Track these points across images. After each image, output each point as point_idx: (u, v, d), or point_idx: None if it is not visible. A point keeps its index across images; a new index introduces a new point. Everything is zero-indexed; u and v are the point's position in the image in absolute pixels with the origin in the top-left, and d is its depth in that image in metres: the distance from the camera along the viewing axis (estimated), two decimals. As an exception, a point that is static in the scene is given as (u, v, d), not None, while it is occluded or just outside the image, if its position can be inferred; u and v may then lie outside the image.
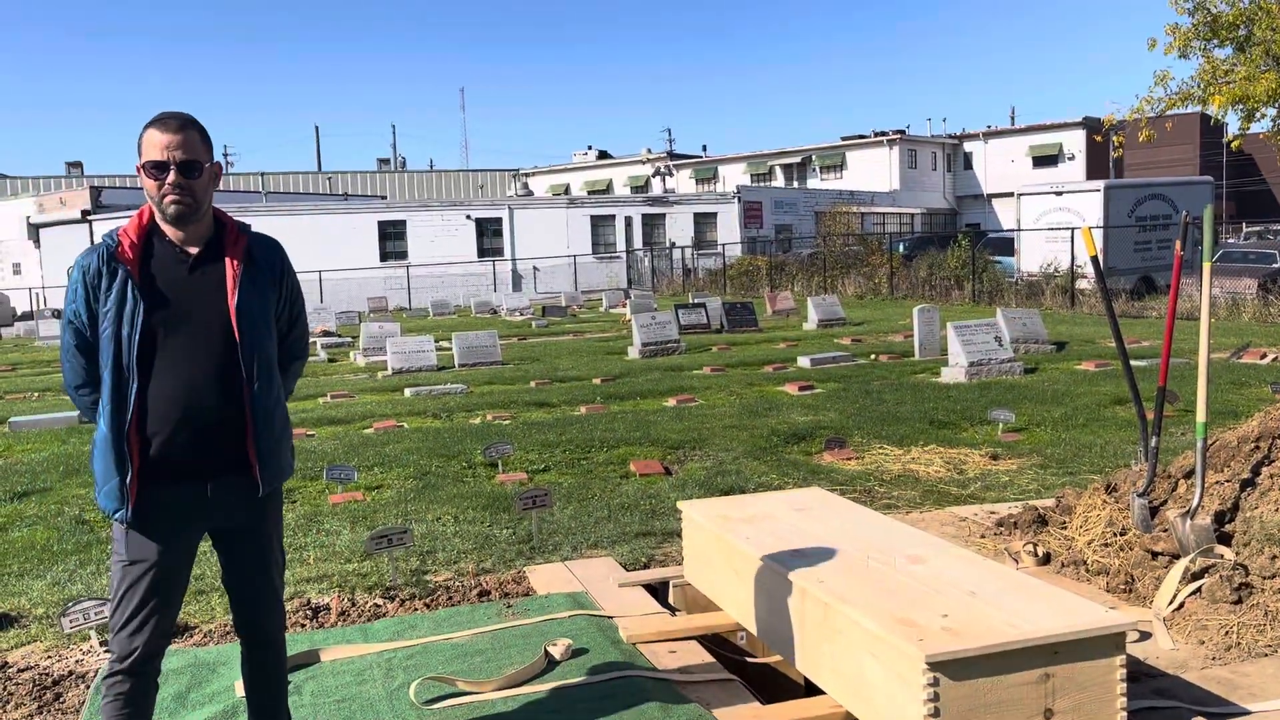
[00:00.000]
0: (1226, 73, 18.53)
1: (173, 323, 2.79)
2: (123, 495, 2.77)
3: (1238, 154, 42.19)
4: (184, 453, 2.79)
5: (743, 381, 12.55)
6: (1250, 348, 13.34)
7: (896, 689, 3.01)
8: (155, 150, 2.76)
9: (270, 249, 3.00)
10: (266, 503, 2.98)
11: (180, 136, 2.77)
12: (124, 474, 2.76)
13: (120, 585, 2.82)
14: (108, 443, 2.77)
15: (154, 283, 2.79)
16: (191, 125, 2.82)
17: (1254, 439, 4.88)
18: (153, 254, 2.82)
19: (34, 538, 6.21)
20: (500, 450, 7.70)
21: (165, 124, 2.79)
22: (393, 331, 17.69)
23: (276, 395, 2.94)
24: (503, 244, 38.76)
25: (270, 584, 3.04)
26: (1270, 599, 4.01)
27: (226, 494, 2.87)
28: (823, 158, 53.84)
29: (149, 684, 2.88)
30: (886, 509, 6.18)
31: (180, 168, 2.76)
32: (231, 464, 2.86)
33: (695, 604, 4.68)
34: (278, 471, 2.96)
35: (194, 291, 2.82)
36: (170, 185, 2.76)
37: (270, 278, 2.95)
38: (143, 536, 2.81)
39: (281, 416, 2.97)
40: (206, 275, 2.85)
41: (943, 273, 26.03)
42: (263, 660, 3.10)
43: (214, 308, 2.82)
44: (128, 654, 2.81)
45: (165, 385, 2.77)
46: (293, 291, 3.06)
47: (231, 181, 60.47)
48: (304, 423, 10.36)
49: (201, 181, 2.81)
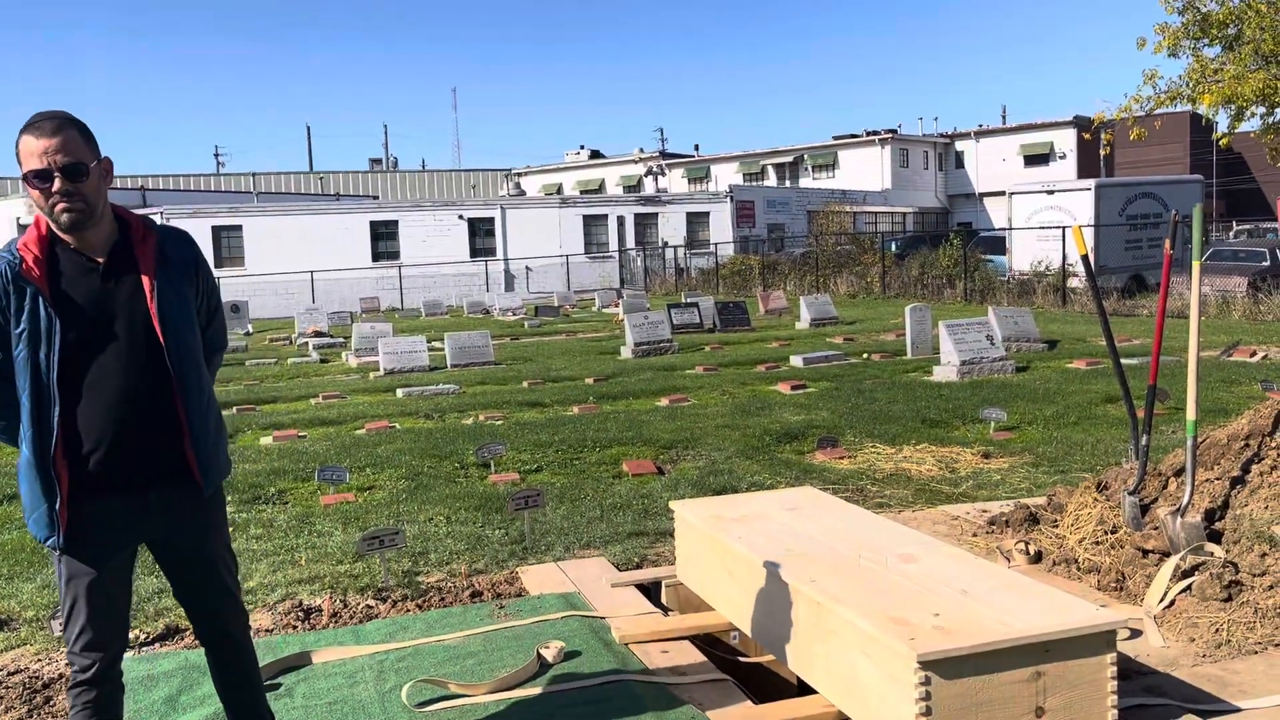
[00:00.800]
0: (1216, 72, 18.60)
1: (93, 336, 2.66)
2: (52, 521, 2.67)
3: (1227, 153, 42.36)
4: (121, 467, 2.70)
5: (735, 381, 12.56)
6: (1240, 345, 13.39)
7: (889, 688, 3.01)
8: (34, 158, 2.58)
9: (183, 244, 2.88)
10: (210, 504, 2.90)
11: (58, 139, 2.59)
12: (52, 500, 2.66)
13: (65, 602, 2.76)
14: (32, 468, 2.66)
15: (67, 297, 2.64)
16: (69, 124, 2.63)
17: (1244, 437, 4.90)
18: (60, 268, 2.67)
19: (23, 541, 6.18)
20: (492, 450, 7.69)
21: (40, 128, 2.60)
22: (385, 332, 17.66)
23: (208, 396, 2.85)
24: (495, 244, 38.72)
25: (224, 586, 2.96)
26: (1260, 596, 4.02)
27: (168, 503, 2.79)
28: (815, 157, 53.89)
29: (114, 688, 2.84)
30: (879, 508, 6.19)
31: (64, 172, 2.58)
32: (171, 472, 2.78)
33: (688, 604, 4.68)
34: (218, 471, 2.88)
35: (110, 300, 2.69)
36: (57, 193, 2.60)
37: (187, 274, 2.83)
38: (78, 558, 2.72)
39: (215, 416, 2.88)
40: (121, 282, 2.71)
41: (935, 271, 26.09)
42: (231, 661, 3.04)
43: (135, 315, 2.70)
44: (88, 666, 2.77)
45: (95, 402, 2.66)
46: (209, 284, 2.95)
47: (223, 182, 60.36)
48: (296, 423, 10.34)
49: (90, 183, 2.64)
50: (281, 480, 7.55)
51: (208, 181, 60.21)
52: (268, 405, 12.23)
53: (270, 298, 33.84)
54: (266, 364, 17.41)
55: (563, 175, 63.35)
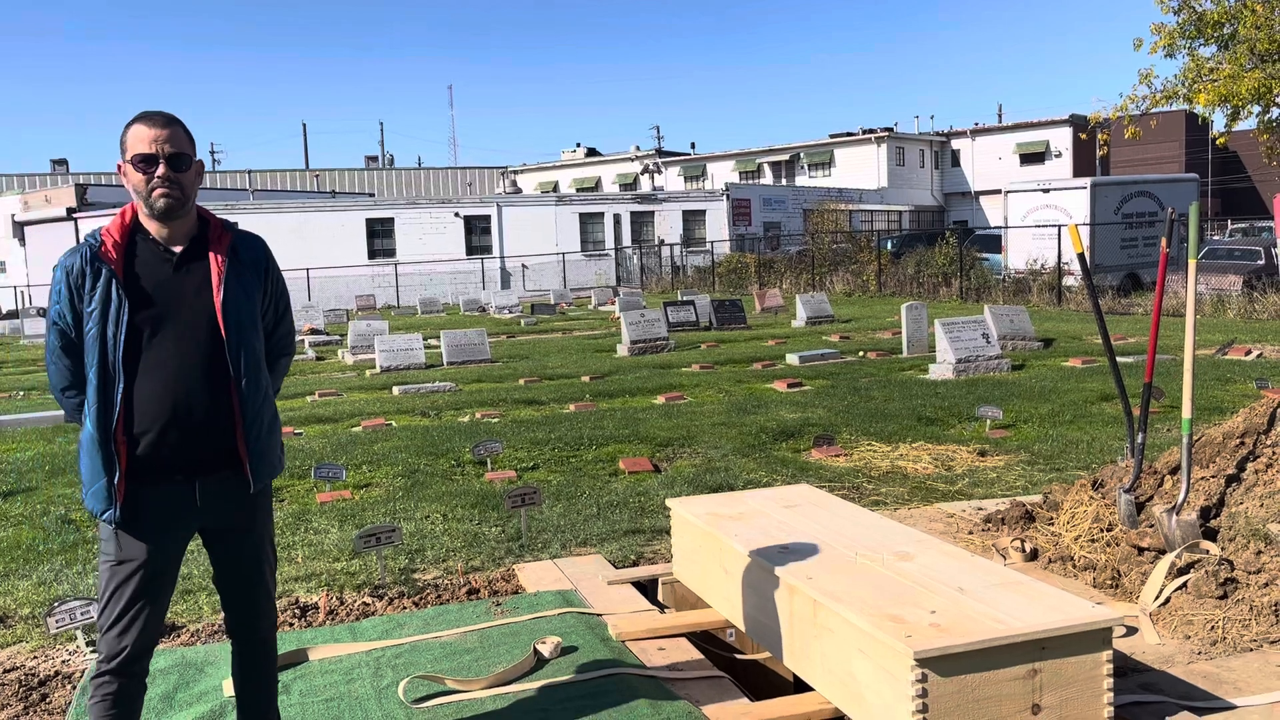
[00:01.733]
0: (1212, 71, 18.63)
1: (158, 321, 2.77)
2: (110, 496, 2.75)
3: (1223, 151, 42.39)
4: (173, 452, 2.77)
5: (731, 379, 12.56)
6: (1235, 344, 13.41)
7: (885, 685, 3.02)
8: (143, 144, 2.75)
9: (255, 246, 2.99)
10: (257, 500, 2.96)
11: (168, 131, 2.77)
12: (111, 474, 2.74)
13: (109, 585, 2.80)
14: (94, 443, 2.74)
15: (139, 282, 2.77)
16: (177, 122, 2.82)
17: (1239, 435, 4.91)
18: (136, 253, 2.80)
19: (19, 537, 6.17)
20: (489, 448, 7.68)
21: (152, 119, 2.78)
22: (381, 329, 17.65)
23: (265, 392, 2.93)
24: (491, 242, 38.68)
25: (263, 583, 3.03)
26: (1255, 594, 4.03)
27: (217, 492, 2.86)
28: (811, 155, 53.89)
29: (137, 684, 2.87)
30: (875, 506, 6.19)
31: (169, 161, 2.76)
32: (221, 462, 2.85)
33: (684, 601, 4.69)
34: (268, 469, 2.95)
35: (179, 290, 2.80)
36: (160, 178, 2.75)
37: (255, 275, 2.94)
38: (131, 537, 2.79)
39: (270, 413, 2.95)
40: (191, 273, 2.83)
41: (930, 270, 26.12)
42: (254, 660, 3.08)
43: (200, 306, 2.81)
44: (116, 654, 2.79)
45: (152, 384, 2.75)
46: (278, 288, 3.05)
47: (218, 179, 60.20)
48: (291, 421, 10.33)
49: (189, 175, 2.81)
50: (278, 477, 7.54)
51: (202, 179, 59.99)
52: (263, 403, 12.20)
53: (266, 295, 33.70)
54: (262, 361, 17.35)
55: (559, 173, 63.29)
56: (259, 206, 38.05)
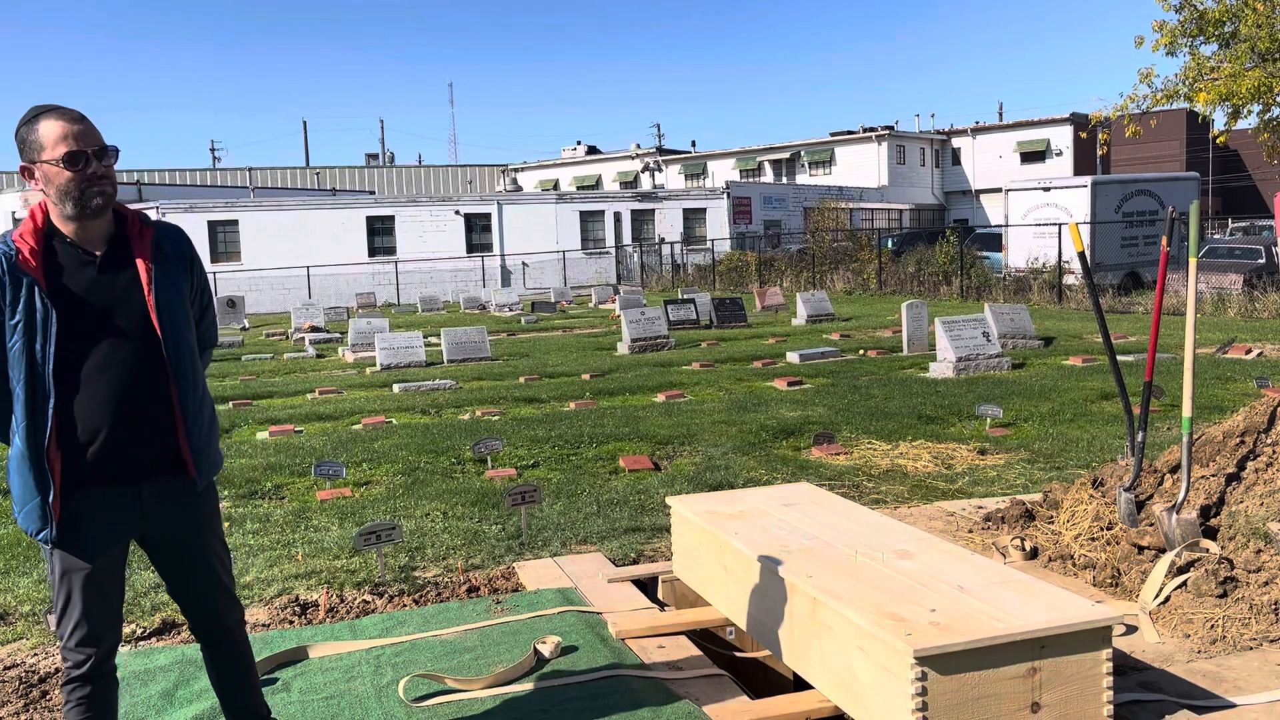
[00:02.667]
0: (1213, 70, 18.62)
1: (89, 329, 2.66)
2: (45, 515, 2.66)
3: (1224, 150, 42.40)
4: (116, 458, 2.69)
5: (732, 377, 12.56)
6: (1236, 343, 13.41)
7: (885, 683, 3.02)
8: (66, 141, 2.61)
9: (177, 239, 2.90)
10: (201, 499, 2.90)
11: (85, 125, 2.65)
12: (45, 492, 2.65)
13: (60, 597, 2.75)
14: (25, 461, 2.64)
15: (63, 289, 2.65)
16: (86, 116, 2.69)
17: (1239, 434, 4.91)
18: (56, 259, 2.68)
19: (19, 535, 6.17)
20: (489, 446, 7.69)
21: (64, 113, 2.65)
22: (381, 327, 17.64)
23: (202, 389, 2.86)
24: (491, 239, 38.68)
25: (219, 582, 2.97)
26: (1255, 593, 4.03)
27: (161, 495, 2.79)
28: (812, 153, 53.87)
29: (109, 683, 2.84)
30: (875, 504, 6.19)
31: (99, 155, 2.64)
32: (165, 464, 2.78)
33: (684, 599, 4.69)
34: (211, 465, 2.88)
35: (107, 293, 2.69)
36: (93, 175, 2.63)
37: (182, 269, 2.85)
38: (70, 552, 2.71)
39: (209, 409, 2.89)
40: (117, 275, 2.72)
41: (931, 268, 26.11)
42: (227, 655, 3.04)
43: (131, 308, 2.71)
44: (83, 660, 2.76)
45: (91, 393, 2.66)
46: (202, 279, 2.96)
47: (219, 177, 60.22)
48: (292, 419, 10.33)
49: (113, 169, 2.71)
50: (277, 475, 7.55)
51: (204, 176, 60.08)
52: (264, 400, 12.22)
53: (266, 293, 33.79)
54: (263, 359, 17.39)
55: (560, 171, 63.27)
56: (259, 204, 38.01)
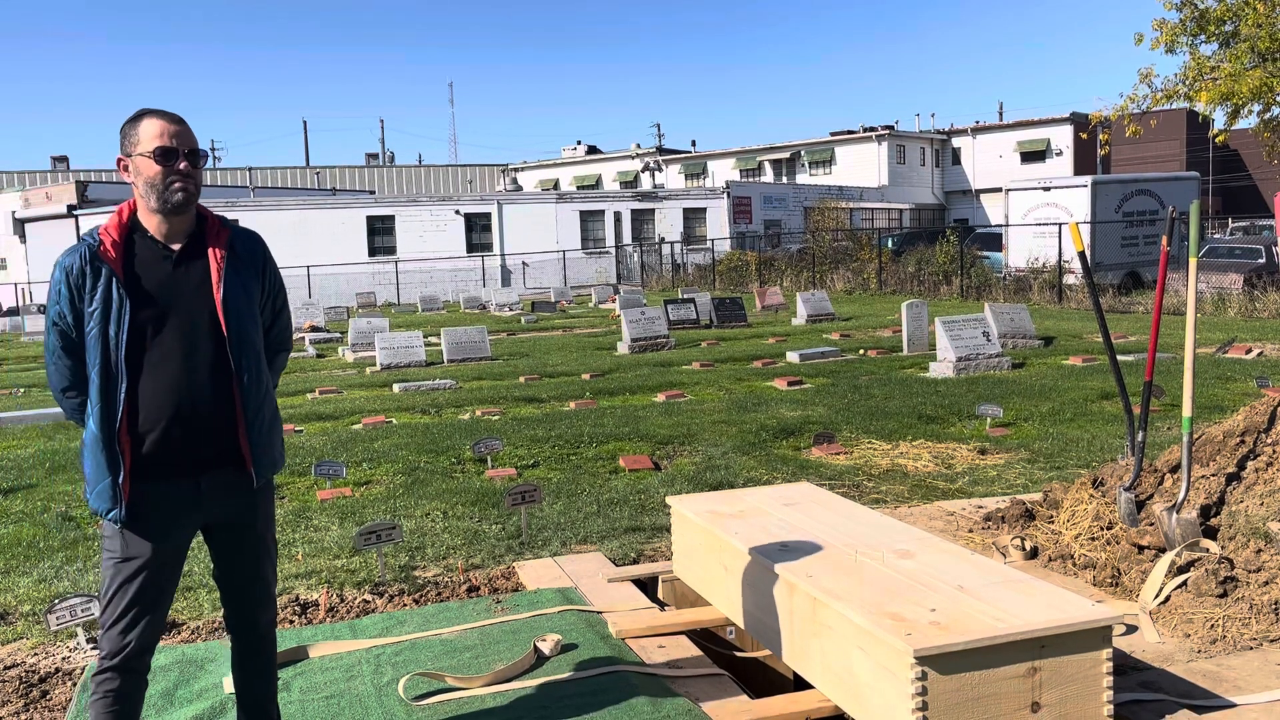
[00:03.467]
0: (1213, 69, 18.62)
1: (160, 320, 2.78)
2: (115, 495, 2.76)
3: (1224, 149, 42.37)
4: (177, 449, 2.79)
5: (732, 377, 12.56)
6: (1236, 343, 13.41)
7: (885, 683, 3.02)
8: (162, 138, 2.77)
9: (252, 242, 3.01)
10: (259, 496, 2.98)
11: (183, 126, 2.82)
12: (116, 474, 2.75)
13: (112, 582, 2.81)
14: (98, 443, 2.75)
15: (139, 280, 2.78)
16: (184, 120, 2.86)
17: (1239, 433, 4.91)
18: (135, 251, 2.81)
19: (20, 534, 6.18)
20: (489, 446, 7.69)
21: (166, 115, 2.82)
22: (381, 327, 17.65)
23: (266, 388, 2.94)
24: (491, 239, 38.67)
25: (263, 578, 3.04)
26: (1255, 592, 4.03)
27: (220, 488, 2.88)
28: (812, 153, 53.86)
29: (139, 681, 2.87)
30: (875, 504, 6.19)
31: (189, 155, 2.80)
32: (224, 458, 2.87)
33: (684, 599, 4.69)
34: (270, 463, 2.96)
35: (179, 287, 2.81)
36: (180, 172, 2.78)
37: (254, 271, 2.96)
38: (135, 535, 2.80)
39: (271, 409, 2.97)
40: (191, 270, 2.84)
41: (931, 268, 26.11)
42: (255, 655, 3.10)
43: (200, 303, 2.82)
44: (119, 650, 2.80)
45: (156, 382, 2.77)
46: (275, 283, 3.07)
47: (219, 176, 60.22)
48: (292, 418, 10.33)
49: (199, 173, 2.85)
50: (278, 475, 7.55)
51: (204, 176, 60.00)
52: (264, 400, 12.20)
53: (266, 292, 33.70)
54: (263, 359, 17.36)
55: (560, 171, 63.26)
56: (259, 204, 38.02)
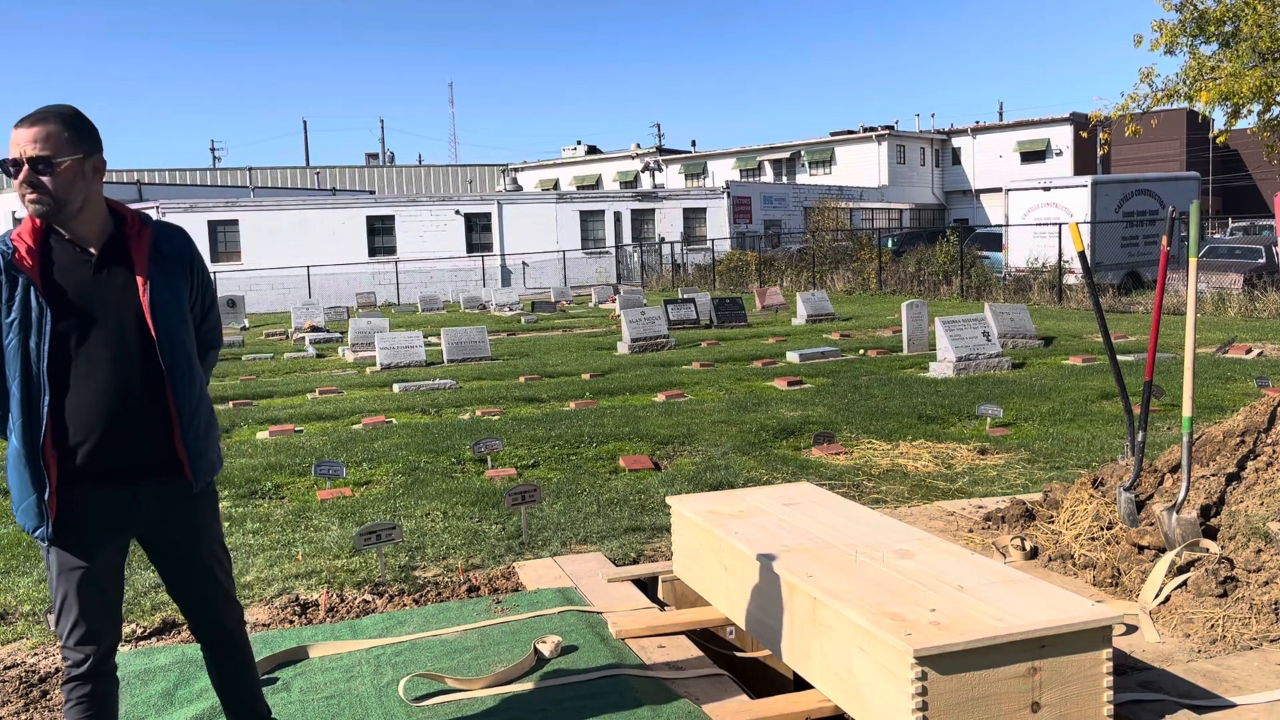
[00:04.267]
0: (1213, 69, 18.61)
1: (84, 328, 2.66)
2: (41, 512, 2.67)
3: (1224, 149, 42.36)
4: (110, 458, 2.70)
5: (732, 377, 12.56)
6: (1236, 343, 13.41)
7: (885, 683, 3.02)
8: (11, 147, 2.63)
9: (178, 239, 2.88)
10: (199, 500, 2.90)
11: (36, 130, 2.62)
12: (41, 490, 2.66)
13: (58, 596, 2.75)
14: (21, 458, 2.66)
15: (58, 287, 2.66)
16: (56, 118, 2.65)
17: (1239, 433, 4.91)
18: (53, 257, 2.69)
19: (19, 535, 6.17)
20: (489, 446, 7.69)
21: (26, 119, 2.65)
22: (381, 327, 17.64)
23: (200, 390, 2.85)
24: (491, 239, 38.67)
25: (218, 584, 2.96)
26: (1255, 592, 4.03)
27: (157, 496, 2.79)
28: (812, 153, 53.86)
29: (109, 682, 2.83)
30: (875, 504, 6.19)
31: (31, 164, 2.61)
32: (160, 465, 2.78)
33: (684, 599, 4.69)
34: (208, 467, 2.87)
35: (102, 292, 2.70)
36: (21, 183, 2.62)
37: (181, 269, 2.84)
38: (68, 550, 2.72)
39: (206, 410, 2.88)
40: (113, 274, 2.72)
41: (931, 268, 26.11)
42: (229, 657, 3.05)
43: (126, 307, 2.71)
44: (82, 659, 2.76)
45: (84, 392, 2.66)
46: (203, 280, 2.95)
47: (219, 176, 60.23)
48: (292, 418, 10.33)
49: (60, 178, 2.63)
50: (278, 475, 7.55)
51: (204, 176, 60.09)
52: (264, 400, 12.22)
53: (266, 292, 33.79)
54: (263, 358, 17.39)
55: (560, 171, 63.26)
56: (260, 204, 38.01)
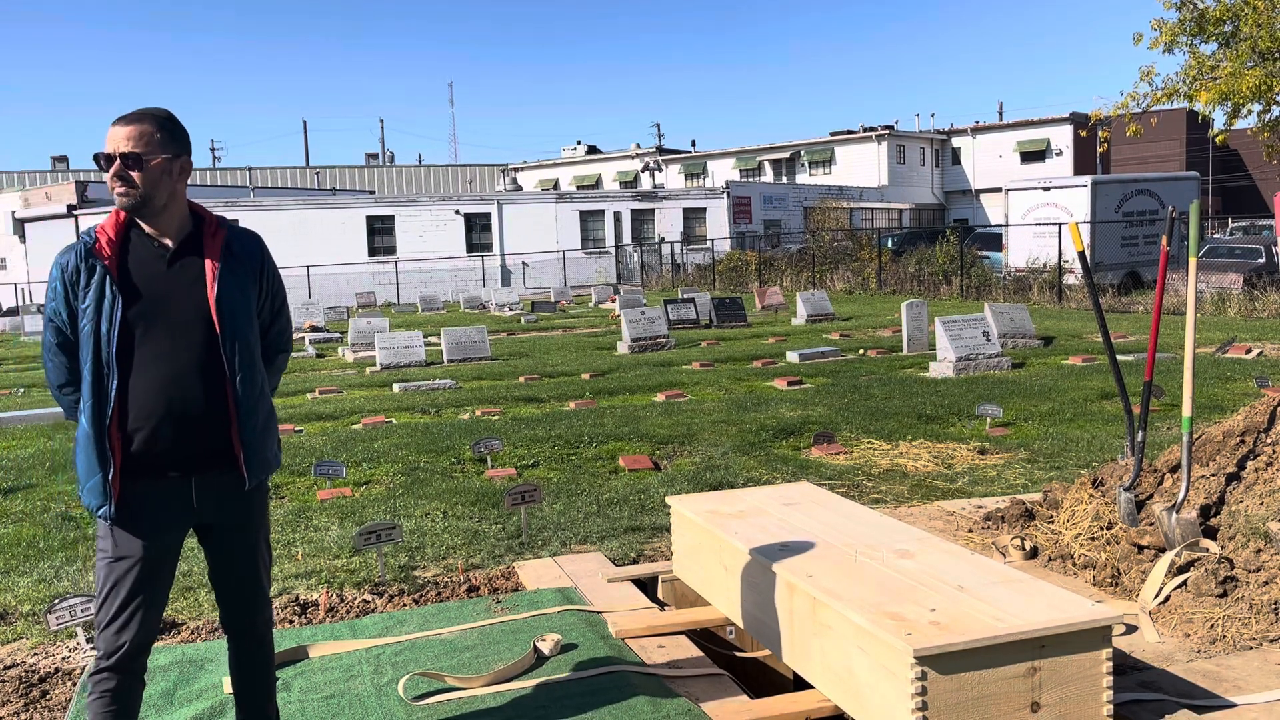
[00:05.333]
0: (1213, 69, 18.62)
1: (151, 317, 2.78)
2: (105, 491, 2.76)
3: (1224, 149, 42.35)
4: (167, 447, 2.78)
5: (732, 377, 12.56)
6: (1236, 342, 13.41)
7: (884, 683, 3.02)
8: (108, 142, 2.77)
9: (250, 242, 2.99)
10: (252, 497, 2.97)
11: (132, 129, 2.76)
12: (106, 470, 2.75)
13: (106, 581, 2.81)
14: (89, 439, 2.76)
15: (131, 278, 2.78)
16: (150, 119, 2.80)
17: (1239, 433, 4.91)
18: (130, 249, 2.81)
19: (20, 534, 6.18)
20: (489, 446, 7.69)
21: (123, 117, 2.79)
22: (381, 327, 17.64)
23: (260, 388, 2.92)
24: (491, 239, 38.67)
25: (257, 580, 3.03)
26: (1255, 592, 4.03)
27: (212, 488, 2.87)
28: (811, 153, 53.85)
29: (135, 680, 2.87)
30: (875, 504, 6.19)
31: (123, 159, 2.74)
32: (216, 457, 2.85)
33: (684, 599, 4.69)
34: (263, 464, 2.94)
35: (172, 285, 2.81)
36: (111, 176, 2.75)
37: (250, 271, 2.94)
38: (127, 532, 2.80)
39: (266, 409, 2.95)
40: (185, 269, 2.83)
41: (931, 268, 26.11)
42: (252, 656, 3.09)
43: (193, 301, 2.81)
44: (114, 650, 2.80)
45: (147, 380, 2.76)
46: (274, 284, 3.04)
47: (219, 176, 60.23)
48: (292, 418, 10.33)
49: (149, 174, 2.77)
50: (277, 475, 7.55)
51: (204, 176, 60.08)
52: (264, 400, 12.21)
53: (266, 292, 33.72)
54: (262, 359, 17.37)
55: (559, 171, 63.26)
56: (259, 204, 38.02)
